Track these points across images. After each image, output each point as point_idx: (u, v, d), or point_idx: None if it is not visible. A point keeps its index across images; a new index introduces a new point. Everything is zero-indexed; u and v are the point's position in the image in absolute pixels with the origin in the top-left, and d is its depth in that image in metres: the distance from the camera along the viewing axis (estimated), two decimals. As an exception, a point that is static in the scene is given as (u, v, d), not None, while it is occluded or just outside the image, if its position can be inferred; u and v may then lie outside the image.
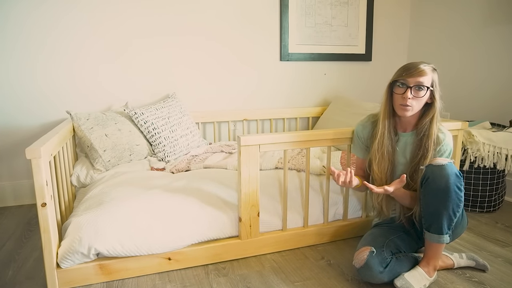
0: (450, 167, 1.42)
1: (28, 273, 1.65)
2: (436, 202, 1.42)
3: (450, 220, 1.44)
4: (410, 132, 1.60)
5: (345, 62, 3.20)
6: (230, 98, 2.91)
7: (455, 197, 1.41)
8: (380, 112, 1.61)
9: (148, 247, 1.58)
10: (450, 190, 1.40)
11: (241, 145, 1.65)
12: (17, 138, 2.46)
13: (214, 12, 2.74)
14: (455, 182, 1.40)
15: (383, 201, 1.65)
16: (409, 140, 1.60)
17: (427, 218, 1.47)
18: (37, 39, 2.39)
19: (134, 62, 2.62)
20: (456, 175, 1.41)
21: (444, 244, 1.48)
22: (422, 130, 1.54)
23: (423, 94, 1.49)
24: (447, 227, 1.44)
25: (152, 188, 1.78)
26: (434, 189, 1.42)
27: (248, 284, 1.56)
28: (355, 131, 1.76)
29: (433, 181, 1.42)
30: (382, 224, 1.71)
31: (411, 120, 1.58)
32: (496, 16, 2.61)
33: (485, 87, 2.71)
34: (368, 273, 1.46)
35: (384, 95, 1.59)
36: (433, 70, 1.52)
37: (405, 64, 1.54)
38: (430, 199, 1.44)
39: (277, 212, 1.83)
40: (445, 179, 1.40)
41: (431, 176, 1.43)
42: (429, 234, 1.47)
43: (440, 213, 1.43)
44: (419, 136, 1.56)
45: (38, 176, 1.38)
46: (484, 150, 2.18)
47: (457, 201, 1.41)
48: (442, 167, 1.42)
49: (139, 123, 2.29)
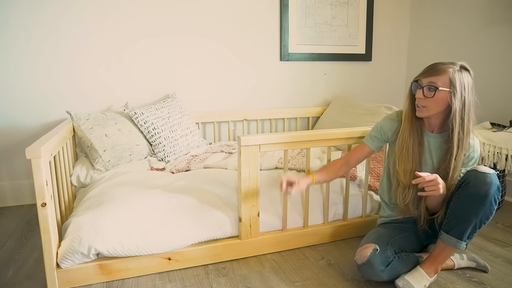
0: (495, 177, 1.39)
1: (28, 273, 1.65)
2: (469, 207, 1.39)
3: (474, 229, 1.41)
4: (437, 133, 1.52)
5: (345, 62, 3.20)
6: (230, 98, 2.91)
7: (489, 208, 1.38)
8: (403, 112, 1.55)
9: (148, 247, 1.58)
10: (488, 199, 1.37)
11: (241, 145, 1.65)
12: (17, 138, 2.46)
13: (214, 12, 2.74)
14: (495, 193, 1.38)
15: (410, 201, 1.56)
16: (435, 141, 1.53)
17: (450, 219, 1.44)
18: (37, 39, 2.39)
19: (134, 62, 2.62)
20: (498, 187, 1.38)
21: (457, 249, 1.45)
22: (448, 132, 1.46)
23: (431, 95, 1.42)
24: (469, 235, 1.42)
25: (152, 188, 1.78)
26: (472, 194, 1.38)
27: (248, 284, 1.56)
28: (380, 122, 1.66)
29: (474, 186, 1.38)
30: (389, 224, 1.68)
31: (436, 121, 1.50)
32: (496, 16, 2.61)
33: (485, 87, 2.71)
34: (369, 270, 1.46)
35: (407, 94, 1.54)
36: (460, 70, 1.44)
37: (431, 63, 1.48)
38: (463, 202, 1.40)
39: (277, 212, 1.83)
40: (487, 187, 1.37)
41: (473, 181, 1.39)
42: (448, 236, 1.44)
43: (469, 219, 1.40)
44: (445, 138, 1.49)
45: (38, 176, 1.38)
46: (484, 150, 2.18)
47: (488, 213, 1.39)
48: (486, 175, 1.38)
49: (139, 123, 2.29)
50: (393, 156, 1.60)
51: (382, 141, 1.66)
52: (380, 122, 1.67)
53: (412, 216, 1.63)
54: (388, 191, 1.69)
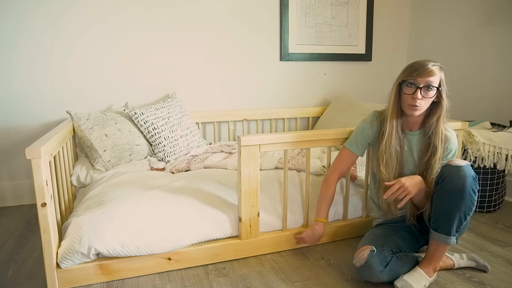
0: (468, 169, 1.41)
1: (28, 273, 1.65)
2: (450, 203, 1.41)
3: (460, 223, 1.43)
4: (417, 131, 1.59)
5: (345, 62, 3.20)
6: (230, 98, 2.91)
7: (469, 199, 1.40)
8: (387, 112, 1.58)
9: (148, 247, 1.58)
10: (465, 192, 1.38)
11: (241, 145, 1.65)
12: (17, 138, 2.46)
13: (214, 12, 2.74)
14: (471, 184, 1.39)
15: (392, 201, 1.60)
16: (417, 139, 1.59)
17: (437, 218, 1.46)
18: (37, 39, 2.39)
19: (134, 62, 2.62)
20: (473, 177, 1.40)
21: (449, 246, 1.47)
22: (430, 129, 1.53)
23: (432, 95, 1.48)
24: (456, 229, 1.43)
25: (152, 188, 1.78)
26: (450, 190, 1.40)
27: (248, 284, 1.56)
28: (360, 127, 1.70)
29: (450, 182, 1.40)
30: (383, 224, 1.70)
31: (418, 119, 1.57)
32: (496, 16, 2.61)
33: (485, 87, 2.71)
34: (368, 272, 1.46)
35: (392, 95, 1.56)
36: (440, 69, 1.51)
37: (412, 63, 1.51)
38: (444, 199, 1.43)
39: (277, 212, 1.83)
40: (462, 180, 1.38)
41: (448, 177, 1.41)
42: (437, 234, 1.46)
43: (452, 214, 1.41)
44: (427, 135, 1.55)
45: (38, 176, 1.38)
46: (484, 150, 2.18)
47: (470, 204, 1.40)
48: (460, 168, 1.40)
49: (139, 123, 2.29)
50: (376, 157, 1.64)
51: (367, 145, 1.71)
52: (360, 126, 1.70)
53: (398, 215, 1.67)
54: (377, 192, 1.72)
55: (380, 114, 1.66)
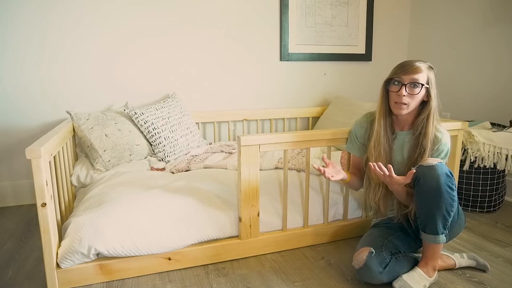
0: (440, 167, 1.41)
1: (28, 273, 1.65)
2: (429, 203, 1.42)
3: (445, 220, 1.43)
4: (407, 131, 1.60)
5: (345, 62, 3.20)
6: (230, 98, 2.91)
7: (447, 196, 1.40)
8: (376, 111, 1.61)
9: (148, 247, 1.58)
10: (441, 190, 1.39)
11: (241, 145, 1.65)
12: (17, 138, 2.46)
13: (214, 12, 2.74)
14: (446, 182, 1.39)
15: (380, 199, 1.64)
16: (406, 138, 1.60)
17: (422, 219, 1.46)
18: (38, 39, 2.39)
19: (134, 62, 2.62)
20: (446, 174, 1.40)
21: (441, 244, 1.47)
22: (419, 129, 1.54)
23: (417, 92, 1.48)
24: (442, 227, 1.43)
25: (152, 188, 1.78)
26: (426, 190, 1.41)
27: (248, 284, 1.56)
28: (352, 129, 1.76)
29: (424, 182, 1.41)
30: (381, 225, 1.70)
31: (408, 119, 1.58)
32: (496, 16, 2.61)
33: (485, 87, 2.71)
34: (368, 273, 1.46)
35: (380, 94, 1.59)
36: (429, 68, 1.52)
37: (400, 62, 1.54)
38: (423, 200, 1.43)
39: (277, 212, 1.83)
40: (436, 179, 1.39)
41: (422, 177, 1.42)
42: (425, 235, 1.47)
43: (434, 213, 1.42)
44: (415, 135, 1.55)
45: (38, 176, 1.38)
46: (484, 150, 2.18)
47: (449, 201, 1.40)
48: (432, 168, 1.41)
49: (139, 123, 2.29)
50: (366, 155, 1.66)
51: (362, 145, 1.73)
52: (352, 128, 1.76)
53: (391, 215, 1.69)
54: (368, 192, 1.73)
55: (371, 115, 1.69)
